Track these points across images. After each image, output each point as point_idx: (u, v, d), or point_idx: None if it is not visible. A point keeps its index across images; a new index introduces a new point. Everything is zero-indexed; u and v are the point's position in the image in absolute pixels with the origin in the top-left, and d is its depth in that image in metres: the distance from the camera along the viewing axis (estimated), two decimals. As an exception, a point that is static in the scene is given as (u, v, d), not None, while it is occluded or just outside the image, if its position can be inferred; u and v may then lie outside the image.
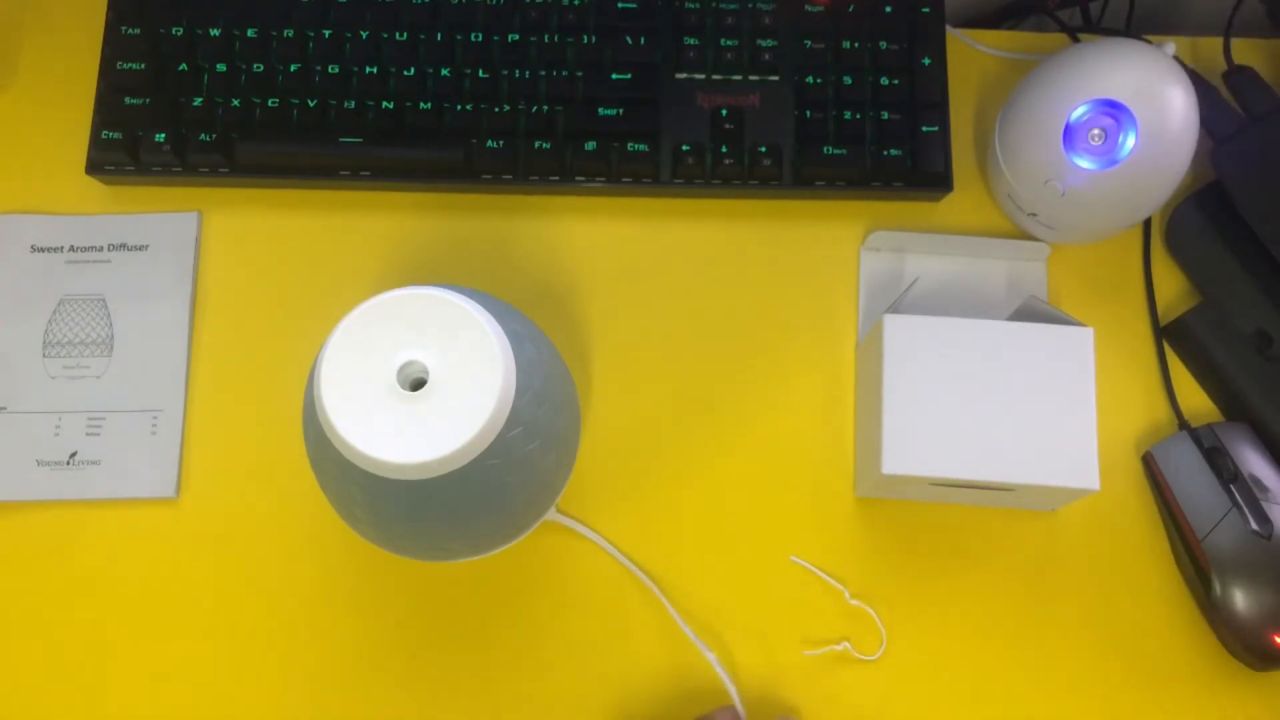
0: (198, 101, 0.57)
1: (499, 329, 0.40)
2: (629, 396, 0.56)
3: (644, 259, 0.58)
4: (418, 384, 0.39)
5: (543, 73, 0.58)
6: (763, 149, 0.57)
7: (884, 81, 0.58)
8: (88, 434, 0.55)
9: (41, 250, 0.57)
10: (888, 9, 0.59)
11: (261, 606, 0.53)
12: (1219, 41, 0.60)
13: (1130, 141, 0.51)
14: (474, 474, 0.39)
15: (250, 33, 0.58)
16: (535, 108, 0.57)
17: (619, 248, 0.58)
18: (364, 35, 0.58)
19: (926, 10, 0.59)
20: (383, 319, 0.40)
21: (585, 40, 0.58)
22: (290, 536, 0.53)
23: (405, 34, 0.58)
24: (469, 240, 0.58)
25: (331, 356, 0.40)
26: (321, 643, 0.52)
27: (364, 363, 0.39)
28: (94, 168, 0.57)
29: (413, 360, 0.39)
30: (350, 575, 0.53)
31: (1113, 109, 0.51)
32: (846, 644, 0.52)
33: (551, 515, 0.50)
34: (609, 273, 0.58)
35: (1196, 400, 0.57)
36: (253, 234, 0.58)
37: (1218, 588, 0.51)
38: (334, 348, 0.40)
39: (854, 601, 0.53)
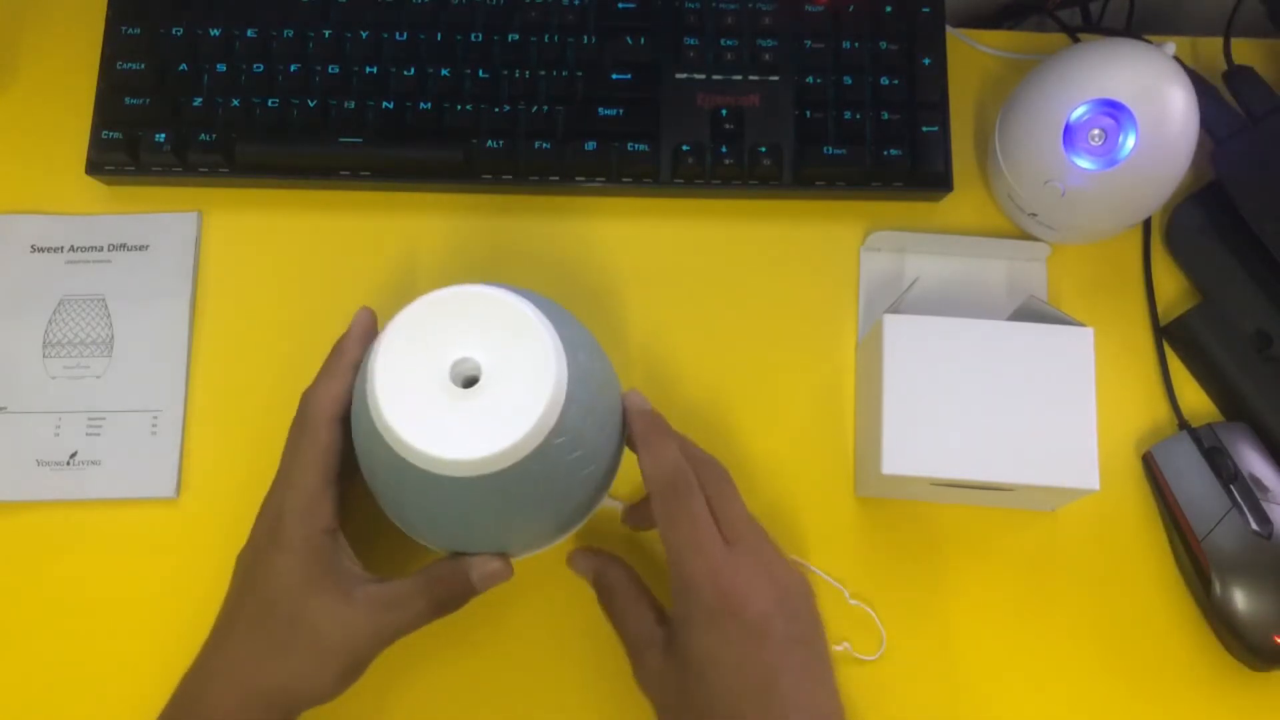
0: (198, 101, 0.57)
1: (555, 334, 0.40)
2: (629, 396, 0.56)
3: (644, 259, 0.58)
4: (470, 381, 0.39)
5: (543, 73, 0.58)
6: (763, 149, 0.57)
7: (884, 81, 0.58)
8: (88, 434, 0.55)
9: (41, 250, 0.57)
10: (888, 9, 0.59)
11: (261, 606, 0.53)
12: (1219, 41, 0.60)
13: (1130, 141, 0.51)
14: (515, 476, 0.39)
15: (250, 33, 0.58)
16: (535, 108, 0.57)
17: (619, 248, 0.58)
18: (364, 35, 0.58)
19: (926, 10, 0.59)
20: (441, 315, 0.40)
21: (585, 40, 0.58)
22: (290, 536, 0.53)
23: (405, 34, 0.58)
24: (469, 240, 0.58)
25: (387, 348, 0.40)
26: (321, 643, 0.52)
27: (419, 357, 0.39)
28: (94, 168, 0.57)
29: (466, 358, 0.39)
30: (350, 575, 0.53)
31: (1113, 109, 0.51)
32: (846, 644, 0.52)
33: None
34: (608, 273, 0.58)
35: (1196, 400, 0.57)
36: (253, 234, 0.58)
37: (1218, 588, 0.51)
38: (389, 340, 0.40)
39: (854, 602, 0.53)
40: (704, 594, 0.42)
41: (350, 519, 0.49)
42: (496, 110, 0.57)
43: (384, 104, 0.57)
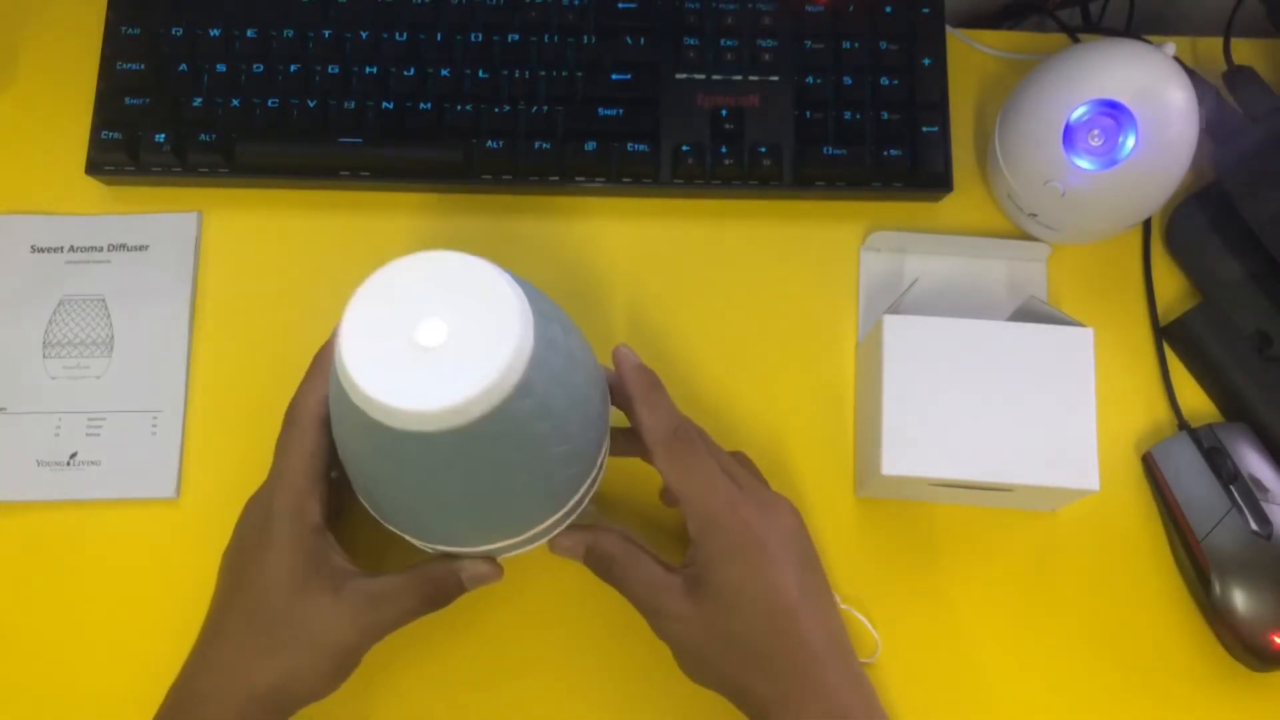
0: (198, 101, 0.57)
1: (523, 297, 0.41)
2: (629, 396, 0.55)
3: (643, 259, 0.58)
4: (436, 340, 0.40)
5: (543, 73, 0.58)
6: (763, 149, 0.57)
7: (884, 81, 0.58)
8: (88, 434, 0.55)
9: (41, 250, 0.57)
10: (888, 9, 0.59)
11: (261, 606, 0.53)
12: (1219, 41, 0.60)
13: (1130, 141, 0.51)
14: (480, 438, 0.39)
15: (250, 33, 0.58)
16: (535, 108, 0.57)
17: (618, 248, 0.58)
18: (364, 35, 0.58)
19: (926, 10, 0.59)
20: (409, 279, 0.41)
21: (585, 40, 0.58)
22: (290, 536, 0.53)
23: (405, 34, 0.58)
24: (469, 240, 0.58)
25: (354, 311, 0.40)
26: (321, 643, 0.52)
27: (386, 317, 0.40)
28: (94, 168, 0.57)
29: (432, 317, 0.40)
30: (350, 575, 0.53)
31: (1113, 109, 0.51)
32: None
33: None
34: (609, 273, 0.58)
35: (1196, 400, 0.57)
36: (253, 234, 0.58)
37: (1218, 588, 0.51)
38: (357, 303, 0.40)
39: (844, 606, 0.52)
40: (729, 529, 0.44)
41: (342, 519, 0.49)
42: (496, 110, 0.57)
43: (384, 104, 0.57)
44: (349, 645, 0.45)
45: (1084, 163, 0.52)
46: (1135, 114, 0.51)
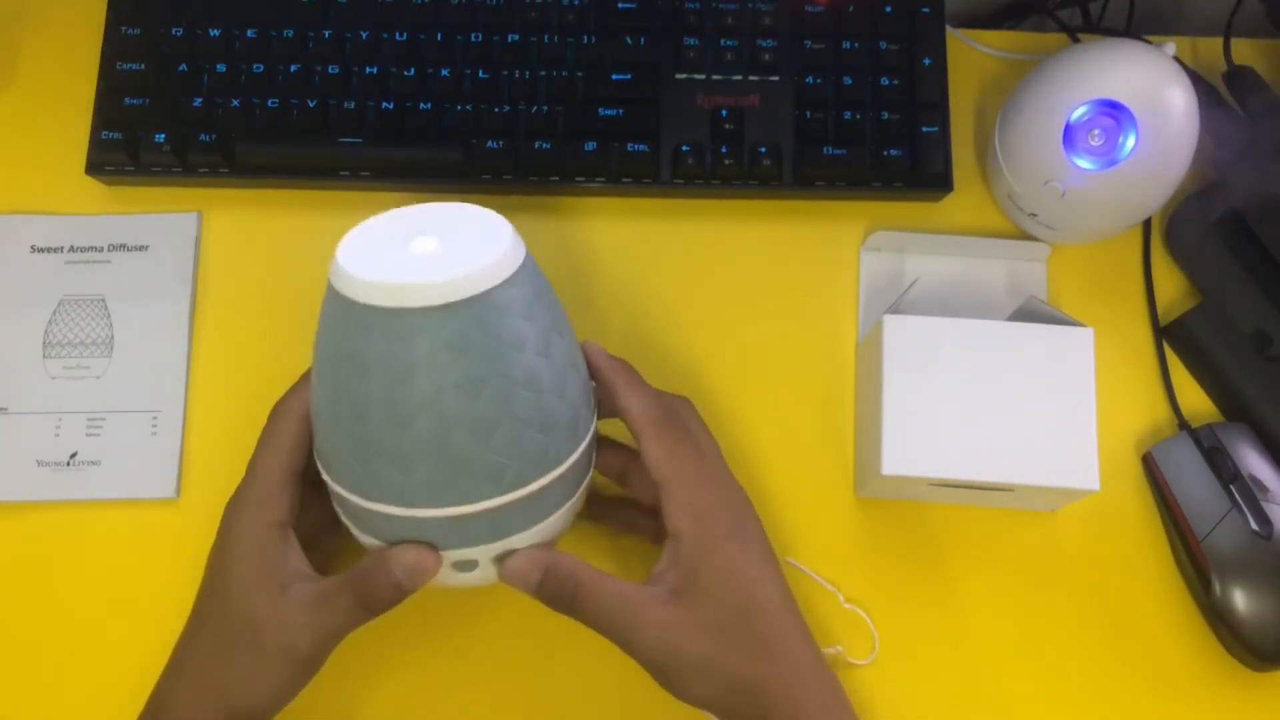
0: (198, 101, 0.57)
1: (520, 241, 0.42)
2: (629, 396, 0.55)
3: (643, 259, 0.58)
4: (427, 249, 0.41)
5: (543, 73, 0.58)
6: (763, 149, 0.57)
7: (884, 81, 0.58)
8: (88, 434, 0.55)
9: (41, 250, 0.57)
10: (888, 9, 0.59)
11: (261, 606, 0.52)
12: (1219, 41, 0.60)
13: (1130, 141, 0.51)
14: (449, 332, 0.39)
15: (250, 33, 0.58)
16: (535, 108, 0.57)
17: (619, 248, 0.58)
18: (364, 35, 0.58)
19: (926, 10, 0.59)
20: (414, 216, 0.43)
21: (585, 40, 0.58)
22: (290, 536, 0.53)
23: (405, 34, 0.58)
24: (469, 240, 0.58)
25: (357, 230, 0.43)
26: (321, 643, 0.52)
27: (386, 233, 0.42)
28: (94, 168, 0.57)
29: (428, 238, 0.41)
30: (350, 575, 0.53)
31: (1113, 109, 0.51)
32: (839, 648, 0.52)
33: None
34: (608, 273, 0.58)
35: (1196, 400, 0.57)
36: (253, 234, 0.58)
37: (1218, 588, 0.51)
38: (361, 226, 0.43)
39: (848, 606, 0.53)
40: (719, 514, 0.44)
41: (339, 526, 0.49)
42: (496, 110, 0.57)
43: (384, 104, 0.57)
44: (296, 649, 0.42)
45: (1084, 163, 0.52)
46: (1135, 114, 0.51)
